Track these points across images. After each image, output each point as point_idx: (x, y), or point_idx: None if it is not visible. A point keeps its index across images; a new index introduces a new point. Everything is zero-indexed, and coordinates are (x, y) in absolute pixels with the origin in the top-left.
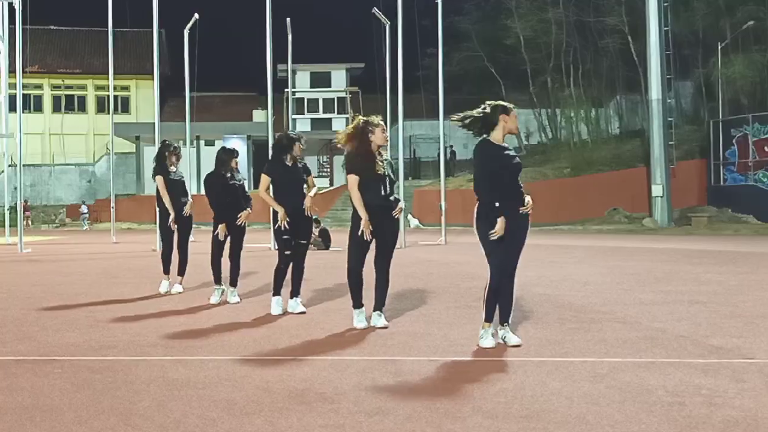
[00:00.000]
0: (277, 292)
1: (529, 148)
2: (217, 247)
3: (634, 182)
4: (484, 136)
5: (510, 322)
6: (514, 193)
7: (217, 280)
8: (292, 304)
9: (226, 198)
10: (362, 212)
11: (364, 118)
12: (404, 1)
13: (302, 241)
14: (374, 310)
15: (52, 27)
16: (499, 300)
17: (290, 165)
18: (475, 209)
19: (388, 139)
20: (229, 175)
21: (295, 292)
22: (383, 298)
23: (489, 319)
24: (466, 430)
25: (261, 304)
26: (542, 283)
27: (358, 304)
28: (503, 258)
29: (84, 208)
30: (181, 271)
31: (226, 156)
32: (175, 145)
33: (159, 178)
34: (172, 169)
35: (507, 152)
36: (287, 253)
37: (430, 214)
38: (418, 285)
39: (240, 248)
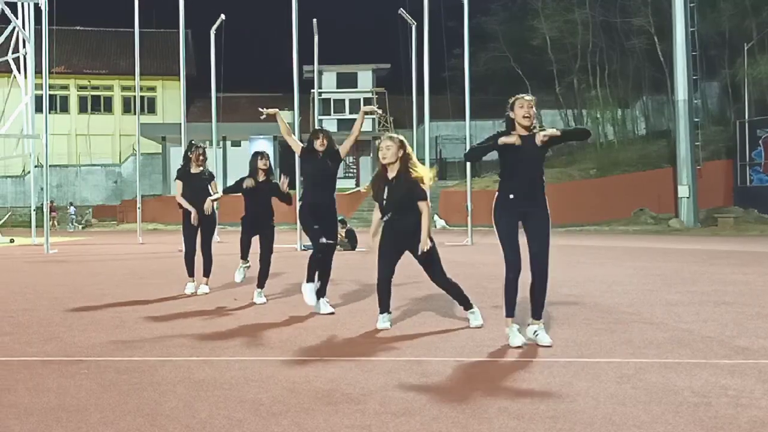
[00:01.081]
0: (310, 278)
1: (555, 149)
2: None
3: (660, 183)
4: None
5: (542, 318)
6: (525, 181)
7: (244, 255)
8: (320, 305)
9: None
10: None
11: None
12: (430, 2)
13: (329, 241)
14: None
15: (78, 28)
16: (533, 296)
17: (196, 172)
18: (494, 200)
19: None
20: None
21: (322, 293)
22: (460, 299)
23: (509, 314)
24: (493, 431)
25: (288, 304)
26: (568, 283)
27: (384, 309)
28: (512, 251)
29: (72, 209)
30: (207, 272)
31: (252, 161)
32: (199, 145)
33: (178, 183)
34: (198, 169)
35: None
36: (322, 241)
37: (456, 215)
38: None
39: (269, 251)
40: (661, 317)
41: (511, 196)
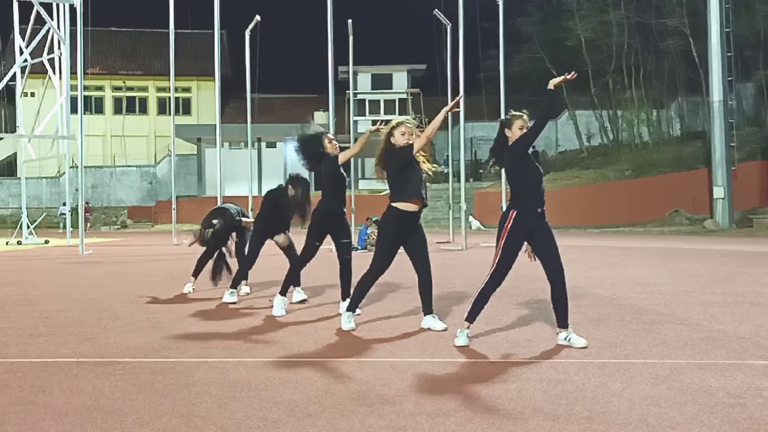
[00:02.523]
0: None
1: (590, 149)
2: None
3: (695, 184)
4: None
5: (569, 324)
6: (533, 195)
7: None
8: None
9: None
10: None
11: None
12: (465, 3)
13: (344, 240)
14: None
15: (113, 28)
16: (555, 304)
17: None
18: (513, 214)
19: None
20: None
21: (346, 294)
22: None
23: (472, 320)
24: None
25: (321, 305)
26: (603, 284)
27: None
28: (508, 267)
29: (63, 209)
30: (244, 275)
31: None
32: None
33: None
34: None
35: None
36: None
37: (490, 216)
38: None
39: (296, 253)
40: (696, 318)
41: (539, 210)
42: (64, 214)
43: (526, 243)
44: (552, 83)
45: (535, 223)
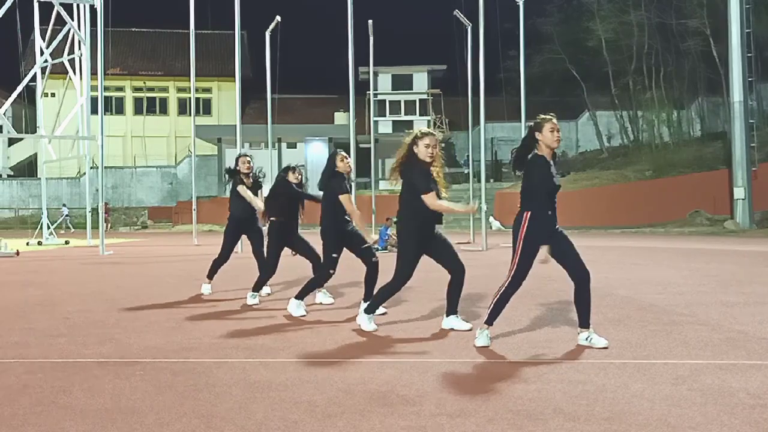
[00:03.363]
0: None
1: (611, 150)
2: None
3: (715, 184)
4: (535, 151)
5: (591, 324)
6: (549, 209)
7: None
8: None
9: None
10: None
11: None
12: (486, 4)
13: (367, 245)
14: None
15: (133, 29)
16: (578, 304)
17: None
18: (531, 220)
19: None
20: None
21: (369, 296)
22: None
23: (491, 323)
24: None
25: (343, 306)
26: (624, 285)
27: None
28: (528, 270)
29: (64, 210)
30: (265, 280)
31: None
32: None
33: (241, 187)
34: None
35: (550, 170)
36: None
37: (511, 216)
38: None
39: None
40: (717, 319)
41: (550, 213)
42: (68, 215)
43: (546, 247)
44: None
45: (550, 225)
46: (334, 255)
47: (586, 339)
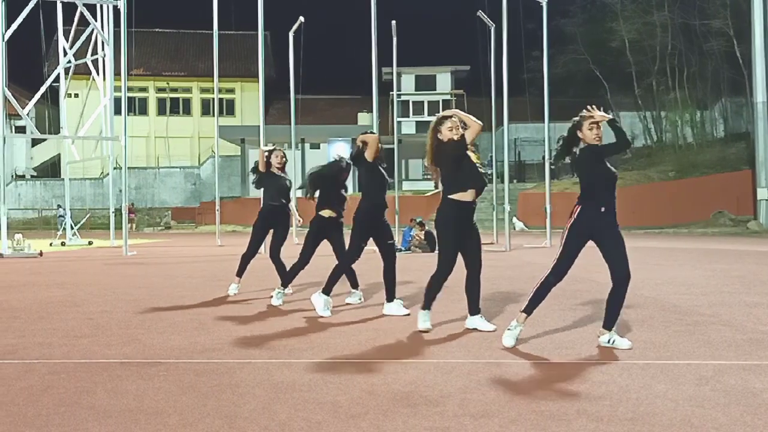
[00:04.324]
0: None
1: (634, 150)
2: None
3: (739, 185)
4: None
5: (614, 327)
6: (603, 204)
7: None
8: (393, 308)
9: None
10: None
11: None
12: (509, 4)
13: (390, 242)
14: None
15: (156, 30)
16: (610, 306)
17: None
18: (576, 209)
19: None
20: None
21: (391, 296)
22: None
23: (530, 312)
24: None
25: (364, 306)
26: (647, 285)
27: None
28: (568, 259)
29: (61, 211)
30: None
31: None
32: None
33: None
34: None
35: (596, 159)
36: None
37: (534, 217)
38: (523, 288)
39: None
40: (740, 319)
41: (602, 209)
42: (63, 216)
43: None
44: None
45: (599, 221)
46: (363, 245)
47: (608, 341)
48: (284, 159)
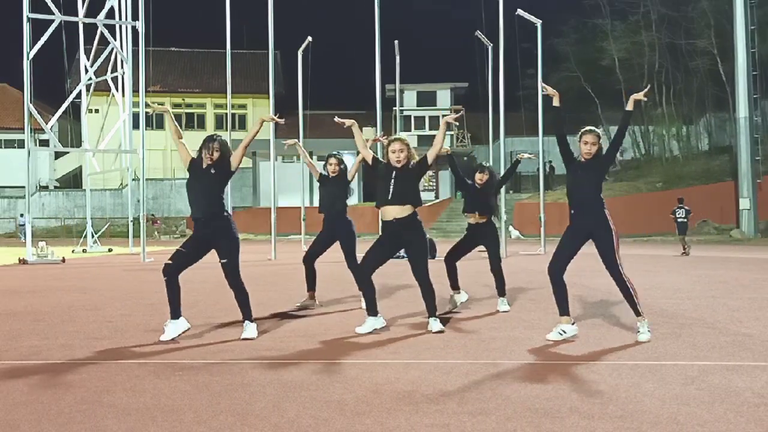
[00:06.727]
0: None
1: (624, 163)
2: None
3: (722, 196)
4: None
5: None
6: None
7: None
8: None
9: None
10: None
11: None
12: (506, 25)
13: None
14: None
15: (173, 49)
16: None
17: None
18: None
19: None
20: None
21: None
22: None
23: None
24: (564, 430)
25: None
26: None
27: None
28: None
29: (21, 220)
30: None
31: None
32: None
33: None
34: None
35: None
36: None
37: (529, 226)
38: (518, 293)
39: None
40: (724, 322)
41: (572, 211)
42: (23, 225)
43: None
44: (631, 103)
45: (585, 222)
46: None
47: (639, 329)
48: (340, 166)
